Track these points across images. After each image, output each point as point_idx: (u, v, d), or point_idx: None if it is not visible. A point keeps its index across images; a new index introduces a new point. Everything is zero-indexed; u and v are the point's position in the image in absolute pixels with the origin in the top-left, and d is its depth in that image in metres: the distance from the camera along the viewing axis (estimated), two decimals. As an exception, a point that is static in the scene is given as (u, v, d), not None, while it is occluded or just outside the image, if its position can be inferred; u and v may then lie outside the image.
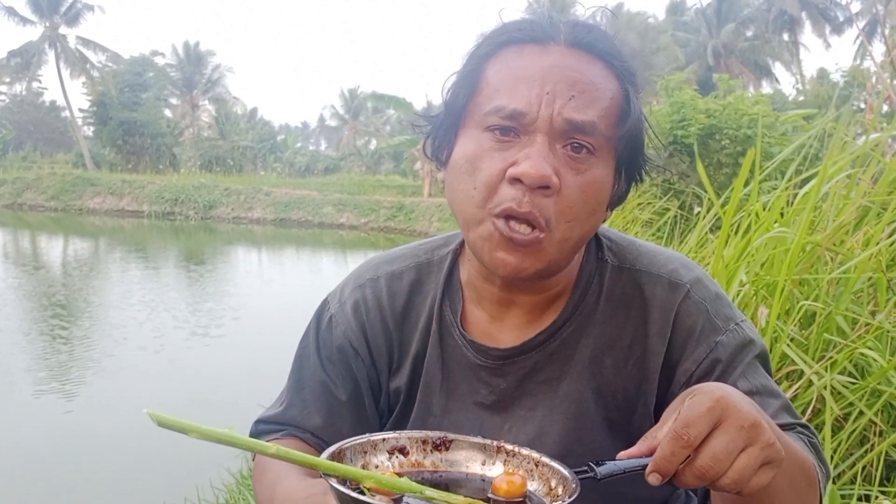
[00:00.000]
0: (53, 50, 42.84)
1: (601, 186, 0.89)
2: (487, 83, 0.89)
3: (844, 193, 2.43)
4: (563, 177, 0.85)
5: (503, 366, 0.98)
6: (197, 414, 6.21)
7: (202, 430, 0.66)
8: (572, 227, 0.87)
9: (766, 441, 0.67)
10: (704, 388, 0.70)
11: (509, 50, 0.89)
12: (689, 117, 8.23)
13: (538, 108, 0.84)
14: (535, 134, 0.85)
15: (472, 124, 0.90)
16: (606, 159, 0.89)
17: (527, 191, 0.84)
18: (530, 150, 0.85)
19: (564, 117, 0.84)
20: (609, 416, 0.97)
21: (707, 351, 0.93)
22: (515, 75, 0.87)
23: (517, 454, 0.84)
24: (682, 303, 0.94)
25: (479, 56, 0.91)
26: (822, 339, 2.05)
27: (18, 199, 31.61)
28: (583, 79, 0.86)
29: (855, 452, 1.89)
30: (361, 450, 0.82)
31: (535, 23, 0.89)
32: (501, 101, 0.86)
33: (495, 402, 1.00)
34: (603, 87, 0.87)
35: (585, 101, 0.85)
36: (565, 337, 0.97)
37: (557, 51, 0.87)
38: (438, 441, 0.85)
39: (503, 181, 0.86)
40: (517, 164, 0.85)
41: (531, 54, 0.88)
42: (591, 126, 0.85)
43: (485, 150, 0.87)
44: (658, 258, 0.99)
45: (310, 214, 27.67)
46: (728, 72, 32.21)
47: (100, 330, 9.68)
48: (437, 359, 1.02)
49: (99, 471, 5.14)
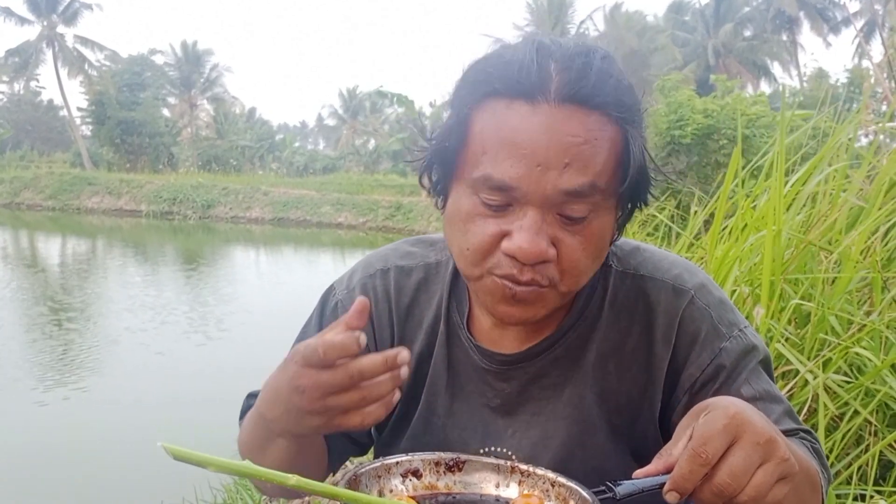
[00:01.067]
0: (51, 49, 42.77)
1: (602, 234, 0.87)
2: (475, 138, 0.83)
3: (835, 193, 2.43)
4: (560, 241, 0.83)
5: (508, 370, 0.98)
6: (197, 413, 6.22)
7: (219, 462, 0.66)
8: (577, 280, 0.87)
9: (782, 457, 0.68)
10: (718, 404, 0.70)
11: (496, 103, 0.82)
12: (686, 117, 8.24)
13: (528, 182, 0.80)
14: (527, 206, 0.81)
15: (463, 181, 0.85)
16: (606, 207, 0.85)
17: (523, 265, 0.83)
18: (523, 223, 0.81)
19: (559, 189, 0.80)
20: (612, 421, 0.97)
21: (711, 357, 0.93)
22: (503, 138, 0.81)
23: (532, 474, 0.83)
24: (686, 309, 0.94)
25: (464, 103, 0.85)
26: (817, 338, 2.05)
27: (16, 198, 31.56)
28: (576, 141, 0.79)
29: (850, 452, 1.89)
30: (376, 474, 0.82)
31: (522, 74, 0.80)
32: (489, 168, 0.81)
33: (500, 406, 0.99)
34: (600, 141, 0.81)
35: (580, 165, 0.80)
36: (570, 343, 0.97)
37: (547, 110, 0.79)
38: (451, 462, 0.85)
39: (498, 249, 0.84)
40: (511, 236, 0.82)
41: (519, 114, 0.80)
42: (589, 188, 0.81)
43: (477, 213, 0.84)
44: (662, 263, 0.99)
45: (308, 214, 27.65)
46: (726, 72, 32.26)
47: (99, 329, 9.67)
48: (444, 359, 1.02)
49: (97, 470, 5.13)
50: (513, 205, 0.82)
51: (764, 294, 2.02)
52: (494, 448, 0.99)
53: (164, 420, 5.90)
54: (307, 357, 0.74)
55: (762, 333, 1.96)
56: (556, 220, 0.82)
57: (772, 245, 2.07)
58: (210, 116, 51.37)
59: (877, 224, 2.22)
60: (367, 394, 0.75)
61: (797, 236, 2.26)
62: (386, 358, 0.74)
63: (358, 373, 0.74)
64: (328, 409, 0.76)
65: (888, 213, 2.23)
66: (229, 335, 9.36)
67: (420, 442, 1.02)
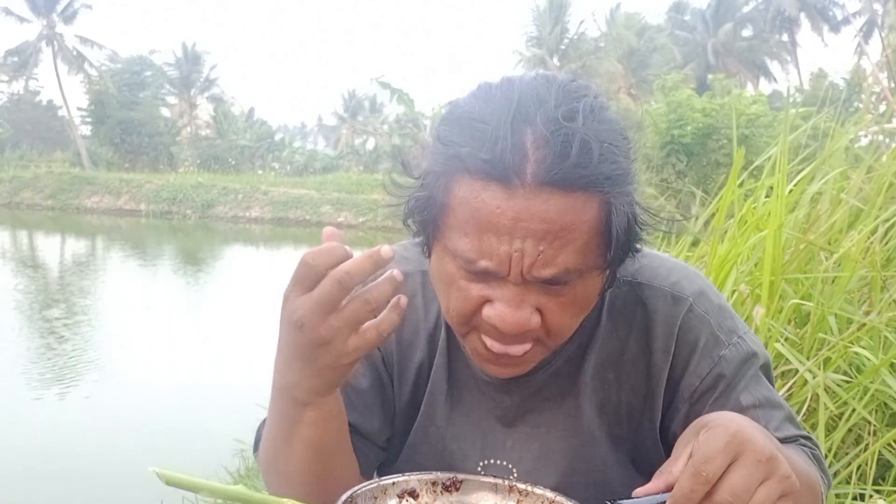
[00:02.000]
0: (51, 48, 42.77)
1: (589, 296, 0.85)
2: (453, 215, 0.79)
3: (835, 193, 2.43)
4: (544, 307, 0.81)
5: (508, 383, 0.96)
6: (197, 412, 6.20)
7: (211, 487, 0.65)
8: (563, 336, 0.87)
9: (783, 474, 0.67)
10: (719, 421, 0.70)
11: (473, 181, 0.77)
12: (685, 117, 8.25)
13: (508, 267, 0.78)
14: (507, 281, 0.79)
15: (447, 250, 0.82)
16: (593, 274, 0.82)
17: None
18: (504, 293, 0.80)
19: (535, 275, 0.78)
20: (613, 432, 0.96)
21: (710, 366, 0.92)
22: (480, 221, 0.77)
23: (531, 493, 0.83)
24: (685, 317, 0.93)
25: (439, 178, 0.80)
26: (816, 338, 2.05)
27: (15, 198, 31.58)
28: (553, 227, 0.76)
29: (850, 452, 1.89)
30: (372, 495, 0.81)
31: (496, 154, 0.74)
32: (469, 252, 0.78)
33: (500, 418, 0.98)
34: (579, 223, 0.77)
35: (556, 249, 0.77)
36: (569, 354, 0.96)
37: (523, 195, 0.75)
38: (448, 482, 0.84)
39: (481, 313, 0.82)
40: (493, 304, 0.80)
41: (495, 198, 0.75)
42: (566, 273, 0.78)
43: (459, 277, 0.82)
44: (660, 270, 0.97)
45: (308, 213, 27.66)
46: (726, 71, 32.25)
47: (98, 327, 9.67)
48: (444, 369, 1.00)
49: (96, 469, 5.13)
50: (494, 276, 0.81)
51: (764, 294, 2.03)
52: (494, 461, 0.98)
53: (164, 416, 5.91)
54: (296, 279, 0.72)
55: (762, 333, 1.96)
56: (539, 287, 0.80)
57: (772, 245, 2.07)
58: (209, 116, 51.33)
59: (876, 224, 2.23)
60: (367, 298, 0.71)
61: (797, 236, 2.26)
62: (370, 254, 0.70)
63: (345, 274, 0.70)
64: (335, 331, 0.72)
65: (888, 214, 2.24)
66: (228, 332, 9.35)
67: (418, 452, 1.01)
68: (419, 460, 1.00)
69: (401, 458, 1.03)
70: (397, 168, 0.90)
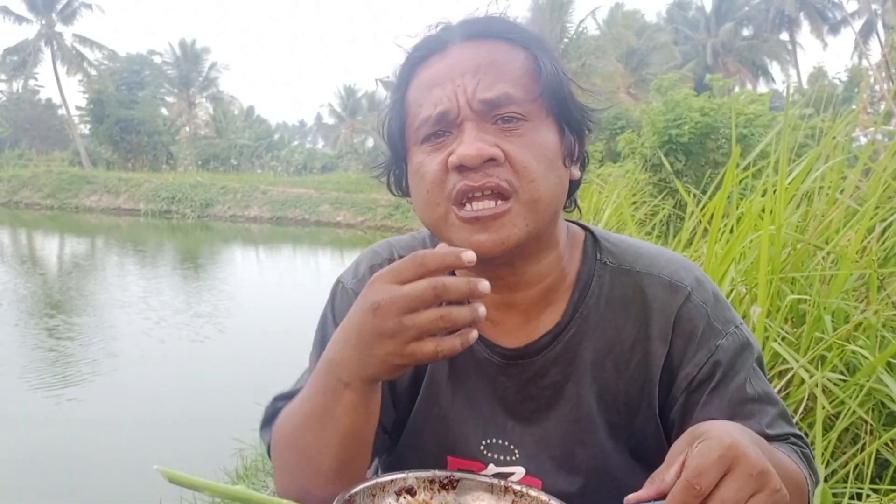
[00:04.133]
0: (50, 48, 42.70)
1: (546, 143, 0.90)
2: (410, 105, 0.94)
3: (832, 191, 2.43)
4: (503, 147, 0.88)
5: (508, 366, 0.99)
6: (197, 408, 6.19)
7: (213, 486, 0.66)
8: (537, 185, 0.88)
9: (774, 488, 0.69)
10: (713, 433, 0.71)
11: (418, 69, 0.94)
12: (683, 116, 8.24)
13: (455, 101, 0.89)
14: (463, 123, 0.88)
15: (412, 145, 0.94)
16: (541, 118, 0.91)
17: (474, 171, 0.87)
18: (462, 137, 0.88)
19: (479, 99, 0.88)
20: (611, 420, 0.97)
21: (708, 355, 0.93)
22: (429, 84, 0.91)
23: (525, 495, 0.84)
24: (682, 306, 0.95)
25: (398, 87, 0.96)
26: (813, 337, 2.05)
27: (14, 197, 31.53)
28: (484, 60, 0.90)
29: (847, 451, 1.89)
30: (370, 493, 0.82)
31: (430, 37, 0.95)
32: (425, 111, 0.90)
33: (500, 400, 1.00)
34: (507, 59, 0.91)
35: (492, 77, 0.89)
36: (567, 340, 0.97)
37: (456, 48, 0.92)
38: (446, 480, 0.85)
39: (449, 172, 0.88)
40: (454, 152, 0.88)
41: (435, 63, 0.92)
42: (507, 97, 0.88)
43: (426, 156, 0.91)
44: (658, 260, 0.99)
45: (307, 213, 27.63)
46: (725, 71, 32.25)
47: (97, 326, 9.66)
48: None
49: (95, 467, 5.13)
50: (452, 132, 0.90)
51: (761, 293, 2.03)
52: (496, 440, 0.99)
53: (164, 412, 5.91)
54: (397, 269, 0.76)
55: (759, 332, 1.96)
56: (494, 128, 0.88)
57: (769, 244, 2.07)
58: (209, 115, 51.30)
59: (873, 223, 2.23)
60: (445, 314, 0.74)
61: (794, 235, 2.26)
62: (469, 281, 0.74)
63: (443, 287, 0.74)
64: (403, 328, 0.75)
65: (884, 212, 2.24)
66: (228, 331, 9.35)
67: (422, 435, 1.02)
68: (423, 443, 1.02)
69: (404, 441, 1.04)
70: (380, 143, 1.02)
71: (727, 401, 0.91)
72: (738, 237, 2.37)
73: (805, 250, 2.23)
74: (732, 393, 0.92)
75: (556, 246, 0.97)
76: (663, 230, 3.69)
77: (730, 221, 2.56)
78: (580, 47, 28.78)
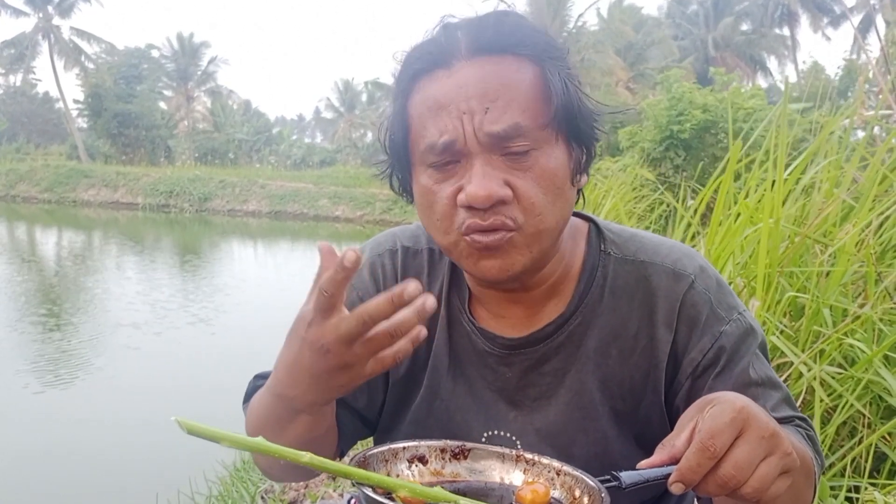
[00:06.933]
0: (47, 41, 42.54)
1: (556, 170, 0.89)
2: (414, 120, 0.90)
3: (829, 185, 2.43)
4: (513, 182, 0.86)
5: (510, 356, 0.99)
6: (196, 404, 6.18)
7: (232, 437, 0.66)
8: (542, 219, 0.88)
9: (785, 451, 0.70)
10: (724, 399, 0.72)
11: (422, 81, 0.90)
12: (685, 112, 8.25)
13: (462, 131, 0.85)
14: (472, 156, 0.86)
15: (418, 162, 0.92)
16: (550, 142, 0.88)
17: (483, 211, 0.86)
18: (472, 173, 0.86)
19: (486, 132, 0.85)
20: (615, 407, 0.97)
21: (712, 341, 0.94)
22: (433, 106, 0.88)
23: (537, 463, 0.84)
24: (686, 293, 0.95)
25: (399, 95, 0.92)
26: (811, 330, 2.06)
27: (12, 190, 31.49)
28: (492, 85, 0.86)
29: (844, 444, 1.90)
30: (383, 458, 0.83)
31: (434, 45, 0.89)
32: (430, 137, 0.87)
33: (501, 390, 1.01)
34: (516, 80, 0.87)
35: (501, 106, 0.85)
36: (572, 329, 0.98)
37: (462, 67, 0.87)
38: (457, 450, 0.86)
39: (458, 207, 0.88)
40: (463, 189, 0.86)
41: (440, 79, 0.88)
42: (516, 129, 0.85)
43: (434, 183, 0.90)
44: (661, 248, 1.00)
45: (305, 207, 27.62)
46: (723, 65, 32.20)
47: (94, 321, 9.66)
48: (445, 343, 1.03)
49: (92, 463, 5.13)
50: (460, 161, 0.87)
51: (759, 287, 2.03)
52: (498, 432, 1.00)
53: (162, 411, 5.91)
54: (318, 308, 0.75)
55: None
56: (503, 162, 0.86)
57: (767, 238, 2.07)
58: (207, 109, 51.16)
59: (871, 217, 2.23)
60: (395, 328, 0.74)
61: (792, 229, 2.26)
62: (391, 297, 0.73)
63: (368, 316, 0.73)
64: (357, 357, 0.75)
65: (882, 206, 2.24)
66: (227, 325, 9.35)
67: (423, 426, 1.03)
68: (423, 434, 1.02)
69: (406, 431, 1.05)
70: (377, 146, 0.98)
71: (731, 385, 0.92)
72: (736, 231, 2.37)
73: (803, 244, 2.23)
74: (736, 377, 0.92)
75: (560, 247, 0.98)
76: (662, 224, 3.69)
77: (729, 217, 2.56)
78: (579, 41, 28.72)
